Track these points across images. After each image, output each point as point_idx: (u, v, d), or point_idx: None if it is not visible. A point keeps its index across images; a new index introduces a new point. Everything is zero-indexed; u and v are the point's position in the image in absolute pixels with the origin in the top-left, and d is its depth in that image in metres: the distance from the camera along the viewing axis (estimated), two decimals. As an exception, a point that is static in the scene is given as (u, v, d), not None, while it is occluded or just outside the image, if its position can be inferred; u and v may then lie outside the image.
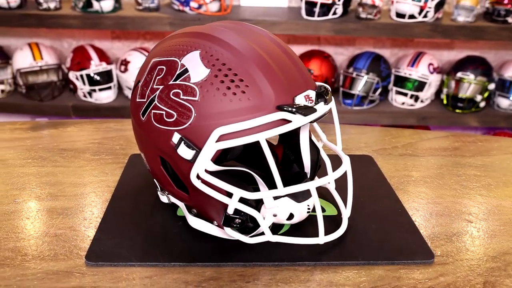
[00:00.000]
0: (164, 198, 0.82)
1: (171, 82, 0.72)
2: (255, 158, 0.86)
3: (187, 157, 0.70)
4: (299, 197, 0.74)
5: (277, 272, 0.72)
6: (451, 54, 2.59)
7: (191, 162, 0.70)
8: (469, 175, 1.02)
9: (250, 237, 0.74)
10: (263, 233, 0.73)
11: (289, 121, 0.69)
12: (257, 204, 0.74)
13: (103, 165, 1.03)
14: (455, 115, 2.42)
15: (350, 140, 1.18)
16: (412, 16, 2.23)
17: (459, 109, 2.41)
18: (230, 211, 0.72)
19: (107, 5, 2.28)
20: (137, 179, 0.94)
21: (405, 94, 2.44)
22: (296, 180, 0.76)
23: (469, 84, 2.39)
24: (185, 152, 0.70)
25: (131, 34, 2.60)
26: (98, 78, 2.42)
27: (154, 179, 0.83)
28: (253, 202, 0.73)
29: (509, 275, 0.72)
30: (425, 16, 2.23)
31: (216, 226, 0.77)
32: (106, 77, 2.44)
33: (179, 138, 0.70)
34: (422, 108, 2.45)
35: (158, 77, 0.74)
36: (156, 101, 0.73)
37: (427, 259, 0.75)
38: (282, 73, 0.71)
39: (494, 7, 2.27)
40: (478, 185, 0.98)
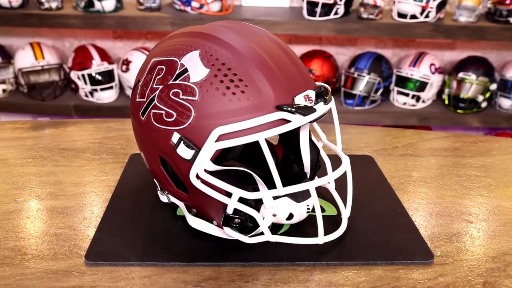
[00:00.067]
0: (164, 198, 0.82)
1: (171, 82, 0.72)
2: (255, 158, 0.86)
3: (187, 157, 0.70)
4: (299, 197, 0.74)
5: (276, 272, 0.72)
6: (453, 55, 2.59)
7: (191, 162, 0.70)
8: (470, 176, 1.02)
9: (250, 237, 0.74)
10: (263, 233, 0.73)
11: (289, 121, 0.69)
12: (257, 204, 0.74)
13: (103, 165, 1.03)
14: (457, 116, 2.42)
15: (351, 140, 1.18)
16: (414, 16, 2.23)
17: (461, 110, 2.41)
18: (230, 211, 0.72)
19: (109, 5, 2.28)
20: (137, 179, 0.95)
21: (407, 94, 2.43)
22: (296, 180, 0.76)
23: (471, 85, 2.38)
24: (185, 152, 0.70)
25: (133, 34, 2.61)
26: (100, 78, 2.43)
27: (154, 179, 0.83)
28: (253, 202, 0.73)
29: (509, 276, 0.72)
30: (427, 16, 2.22)
31: (216, 226, 0.77)
32: (108, 77, 2.44)
33: (179, 138, 0.70)
34: (424, 108, 2.45)
35: (158, 77, 0.74)
36: (156, 101, 0.73)
37: (427, 260, 0.74)
38: (282, 73, 0.71)
39: (496, 7, 2.26)
40: (479, 186, 0.98)
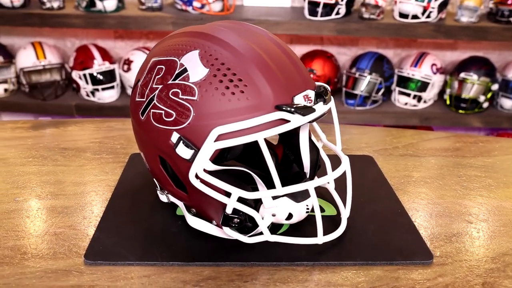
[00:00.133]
0: (164, 198, 0.82)
1: (170, 82, 0.72)
2: (255, 158, 0.86)
3: (186, 157, 0.70)
4: (298, 197, 0.74)
5: (275, 272, 0.72)
6: (455, 55, 2.59)
7: (190, 162, 0.70)
8: (470, 176, 1.02)
9: (249, 237, 0.74)
10: (262, 233, 0.73)
11: (288, 121, 0.69)
12: (256, 204, 0.74)
13: (104, 164, 1.03)
14: (458, 116, 2.41)
15: (351, 140, 1.18)
16: (415, 17, 2.23)
17: (462, 110, 2.41)
18: (229, 211, 0.72)
19: (110, 5, 2.29)
20: (137, 178, 0.95)
21: (408, 95, 2.43)
22: (296, 180, 0.76)
23: (472, 85, 2.38)
24: (184, 152, 0.70)
25: (134, 34, 2.61)
26: (101, 78, 2.43)
27: (154, 179, 0.83)
28: (252, 202, 0.73)
29: (508, 276, 0.72)
30: (428, 17, 2.22)
31: (215, 226, 0.77)
32: (109, 77, 2.45)
33: (178, 138, 0.70)
34: (425, 109, 2.45)
35: (158, 77, 0.74)
36: (155, 101, 0.73)
37: (426, 260, 0.74)
38: (281, 73, 0.71)
39: (498, 8, 2.26)
40: (479, 186, 0.98)
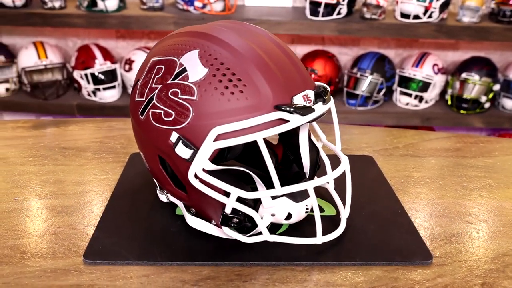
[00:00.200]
0: (163, 197, 0.83)
1: (170, 81, 0.72)
2: (255, 158, 0.86)
3: (185, 156, 0.70)
4: (297, 197, 0.74)
5: (275, 272, 0.72)
6: (456, 55, 2.58)
7: (189, 161, 0.70)
8: (470, 176, 1.01)
9: (248, 237, 0.74)
10: (261, 233, 0.73)
11: (287, 121, 0.69)
12: (256, 204, 0.74)
13: (104, 164, 1.03)
14: (460, 116, 2.41)
15: (352, 140, 1.18)
16: (417, 17, 2.22)
17: (464, 110, 2.40)
18: (228, 211, 0.72)
19: (112, 4, 2.29)
20: (137, 178, 0.95)
21: (410, 95, 2.43)
22: (295, 180, 0.76)
23: (474, 85, 2.38)
24: (183, 151, 0.70)
25: (136, 34, 2.61)
26: (103, 77, 2.43)
27: (153, 178, 0.83)
28: (251, 202, 0.73)
29: (507, 277, 0.72)
30: (430, 17, 2.22)
31: (214, 226, 0.77)
32: (111, 76, 2.45)
33: (177, 137, 0.70)
34: (427, 109, 2.44)
35: (157, 76, 0.74)
36: (155, 100, 0.73)
37: (425, 260, 0.74)
38: (281, 73, 0.71)
39: (500, 8, 2.26)
40: (479, 186, 0.97)
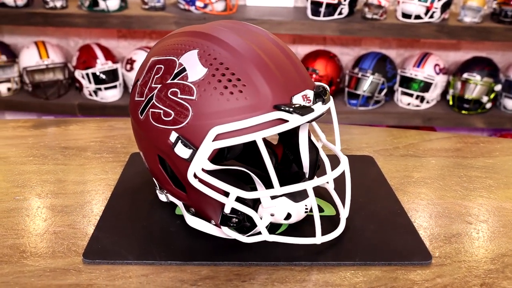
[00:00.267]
0: (163, 197, 0.83)
1: (169, 81, 0.72)
2: (255, 158, 0.86)
3: (184, 156, 0.70)
4: (297, 197, 0.74)
5: (274, 272, 0.72)
6: (458, 55, 2.58)
7: (188, 161, 0.70)
8: (471, 177, 1.01)
9: (247, 237, 0.74)
10: (260, 233, 0.73)
11: (286, 121, 0.69)
12: (255, 204, 0.74)
13: (104, 163, 1.03)
14: (461, 116, 2.41)
15: (352, 141, 1.18)
16: (418, 17, 2.22)
17: (465, 110, 2.40)
18: (227, 210, 0.72)
19: (113, 4, 2.29)
20: (137, 178, 0.95)
21: (411, 95, 2.43)
22: (295, 180, 0.76)
23: (475, 85, 2.37)
24: (182, 151, 0.70)
25: (137, 33, 2.61)
26: (104, 77, 2.43)
27: (153, 178, 0.83)
28: (251, 202, 0.73)
29: (507, 277, 0.72)
30: (431, 17, 2.22)
31: (214, 225, 0.77)
32: (112, 76, 2.45)
33: (176, 137, 0.70)
34: (428, 109, 2.44)
35: (157, 76, 0.74)
36: (154, 100, 0.73)
37: (425, 261, 0.74)
38: (280, 73, 0.71)
39: (501, 8, 2.25)
40: (479, 187, 0.97)
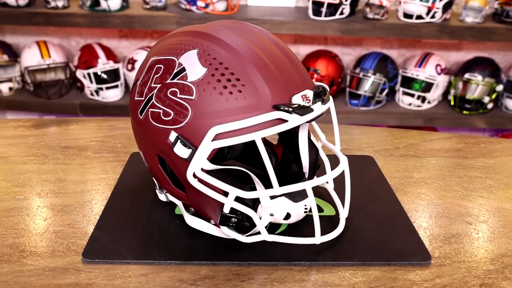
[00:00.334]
0: (162, 197, 0.83)
1: (169, 81, 0.72)
2: (256, 157, 0.86)
3: (183, 156, 0.70)
4: (296, 197, 0.74)
5: (273, 272, 0.72)
6: (459, 55, 2.58)
7: (188, 161, 0.70)
8: (471, 177, 1.01)
9: (247, 236, 0.74)
10: (260, 233, 0.73)
11: (286, 121, 0.69)
12: (254, 204, 0.74)
13: (104, 163, 1.03)
14: (463, 117, 2.41)
15: (352, 141, 1.18)
16: (420, 17, 2.22)
17: (467, 111, 2.40)
18: (226, 210, 0.72)
19: (115, 4, 2.29)
20: (137, 177, 0.95)
21: (412, 95, 2.42)
22: (294, 180, 0.76)
23: (477, 86, 2.37)
24: (181, 151, 0.70)
25: (139, 33, 2.62)
26: (105, 77, 2.44)
27: (153, 178, 0.83)
28: (250, 202, 0.73)
29: (506, 278, 0.72)
30: (433, 17, 2.21)
31: (213, 225, 0.77)
32: (113, 76, 2.45)
33: (176, 137, 0.70)
34: (429, 109, 2.44)
35: (156, 76, 0.74)
36: (154, 100, 0.73)
37: (424, 261, 0.74)
38: (280, 73, 0.71)
39: (503, 8, 2.25)
40: (479, 187, 0.97)
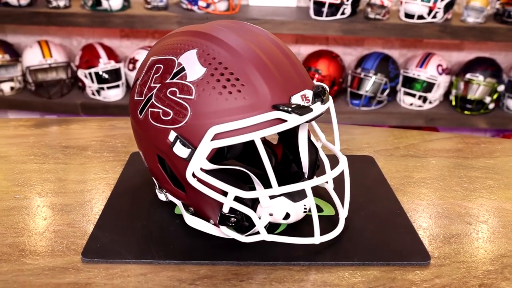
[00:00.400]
0: (162, 196, 0.83)
1: (168, 81, 0.72)
2: (255, 157, 0.86)
3: (183, 156, 0.70)
4: (295, 197, 0.74)
5: (272, 272, 0.72)
6: (461, 55, 2.57)
7: (187, 161, 0.70)
8: (471, 177, 1.01)
9: (246, 236, 0.74)
10: (259, 232, 0.73)
11: (285, 121, 0.69)
12: (254, 203, 0.74)
13: (104, 163, 1.04)
14: (464, 117, 2.40)
15: (353, 141, 1.18)
16: (421, 17, 2.22)
17: (468, 111, 2.39)
18: (225, 210, 0.72)
19: (116, 4, 2.29)
20: (137, 177, 0.95)
21: (414, 95, 2.42)
22: (294, 180, 0.76)
23: (478, 86, 2.37)
24: (181, 151, 0.70)
25: (140, 33, 2.62)
26: (107, 76, 2.44)
27: (152, 177, 0.83)
28: (249, 201, 0.73)
29: (506, 278, 0.71)
30: (434, 17, 2.21)
31: (213, 225, 0.77)
32: (115, 75, 2.45)
33: (175, 137, 0.71)
34: (431, 109, 2.44)
35: (156, 76, 0.74)
36: (153, 100, 0.73)
37: (423, 261, 0.74)
38: (279, 73, 0.71)
39: (505, 8, 2.25)
40: (479, 187, 0.97)
